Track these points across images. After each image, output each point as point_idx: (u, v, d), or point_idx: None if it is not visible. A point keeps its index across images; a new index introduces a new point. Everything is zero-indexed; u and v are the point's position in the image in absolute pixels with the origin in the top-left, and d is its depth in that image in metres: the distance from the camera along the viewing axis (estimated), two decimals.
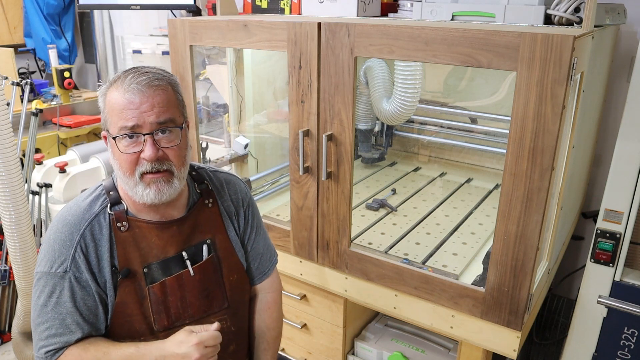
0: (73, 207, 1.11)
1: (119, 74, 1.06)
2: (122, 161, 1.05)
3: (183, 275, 1.15)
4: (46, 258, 1.07)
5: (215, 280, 1.20)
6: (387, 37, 1.31)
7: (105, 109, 1.05)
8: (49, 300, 1.06)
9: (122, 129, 1.02)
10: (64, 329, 1.06)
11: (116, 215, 1.10)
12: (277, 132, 2.31)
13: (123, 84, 1.02)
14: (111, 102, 1.03)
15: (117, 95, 1.02)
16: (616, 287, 1.57)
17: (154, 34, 3.25)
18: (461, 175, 2.31)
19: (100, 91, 1.08)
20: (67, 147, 3.07)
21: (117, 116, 1.02)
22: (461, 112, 2.21)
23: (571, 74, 1.10)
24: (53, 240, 1.08)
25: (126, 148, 1.03)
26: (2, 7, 3.76)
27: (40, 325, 1.07)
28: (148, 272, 1.11)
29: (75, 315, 1.07)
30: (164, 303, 1.13)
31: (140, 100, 1.01)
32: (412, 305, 1.53)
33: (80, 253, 1.06)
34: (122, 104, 1.01)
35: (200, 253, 1.18)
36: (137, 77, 1.02)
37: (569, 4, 1.42)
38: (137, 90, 1.01)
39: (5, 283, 2.31)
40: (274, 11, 1.99)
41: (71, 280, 1.06)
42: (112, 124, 1.04)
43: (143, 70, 1.04)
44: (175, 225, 1.14)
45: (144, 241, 1.11)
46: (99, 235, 1.08)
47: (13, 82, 2.66)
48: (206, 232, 1.20)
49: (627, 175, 1.48)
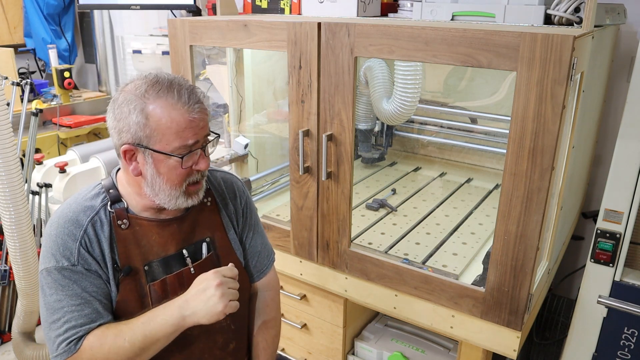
0: (72, 204, 1.10)
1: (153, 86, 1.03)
2: (175, 176, 1.06)
3: (183, 273, 1.15)
4: (50, 254, 1.06)
5: None
6: (387, 37, 1.31)
7: (148, 125, 1.02)
8: (62, 293, 1.04)
9: (183, 147, 1.04)
10: (84, 319, 1.04)
11: (117, 213, 1.10)
12: (277, 132, 2.31)
13: (181, 103, 1.02)
14: (164, 120, 1.02)
15: (175, 115, 1.02)
16: (616, 287, 1.57)
17: (154, 34, 3.25)
18: (461, 175, 2.31)
19: (131, 104, 1.02)
20: (67, 147, 3.07)
21: (175, 135, 1.03)
22: (461, 112, 2.21)
23: (571, 74, 1.10)
24: (55, 235, 1.06)
25: (186, 164, 1.06)
26: (2, 7, 3.76)
27: (58, 321, 1.04)
28: (149, 270, 1.12)
29: (95, 303, 1.05)
30: (164, 300, 1.13)
31: (199, 118, 1.05)
32: (412, 305, 1.53)
33: (84, 248, 1.06)
34: (184, 125, 1.02)
35: (200, 251, 1.19)
36: (191, 95, 1.04)
37: (569, 4, 1.42)
38: (200, 110, 1.04)
39: (5, 283, 2.31)
40: (274, 11, 1.99)
41: (82, 272, 1.05)
42: (163, 141, 1.03)
43: (187, 85, 1.05)
44: (175, 223, 1.15)
45: (144, 239, 1.12)
46: (100, 231, 1.08)
47: (13, 82, 2.66)
48: (205, 231, 1.21)
49: (627, 175, 1.48)
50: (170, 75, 1.07)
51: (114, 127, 1.06)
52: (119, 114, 1.04)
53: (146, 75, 1.07)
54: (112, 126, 1.06)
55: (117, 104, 1.04)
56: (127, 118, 1.03)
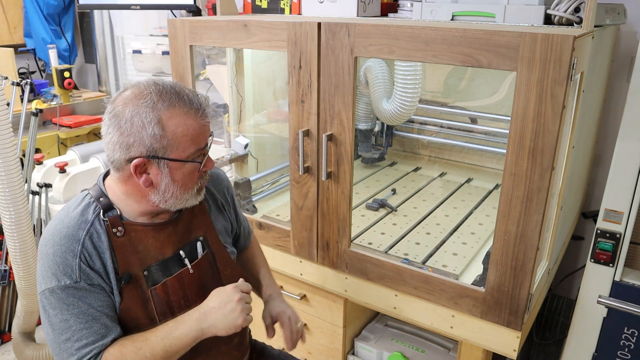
0: (64, 219, 1.07)
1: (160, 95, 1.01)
2: (189, 180, 1.09)
3: (183, 274, 1.16)
4: (49, 273, 1.03)
5: (212, 276, 1.22)
6: (387, 37, 1.31)
7: (165, 136, 1.01)
8: (68, 312, 1.02)
9: (197, 152, 1.07)
10: (95, 336, 1.03)
11: (111, 221, 1.08)
12: (277, 132, 2.31)
13: (194, 111, 1.04)
14: (180, 129, 1.03)
15: (190, 122, 1.04)
16: (616, 287, 1.57)
17: (154, 34, 3.25)
18: (461, 175, 2.31)
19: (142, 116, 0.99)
20: (67, 147, 3.07)
21: (191, 141, 1.05)
22: (461, 112, 2.21)
23: (571, 74, 1.10)
24: (53, 254, 1.03)
25: (202, 167, 1.11)
26: (2, 7, 3.76)
27: (67, 342, 1.03)
28: (148, 275, 1.12)
29: (103, 318, 1.05)
30: (167, 303, 1.13)
31: (208, 122, 1.09)
32: (412, 305, 1.53)
33: (84, 263, 1.04)
34: (198, 130, 1.06)
35: (195, 250, 1.20)
36: (197, 100, 1.06)
37: (569, 4, 1.42)
38: (207, 114, 1.08)
39: (5, 283, 2.31)
40: (274, 11, 1.99)
41: (85, 288, 1.04)
42: (179, 149, 1.04)
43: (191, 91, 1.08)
44: (170, 225, 1.16)
45: (140, 244, 1.11)
46: (98, 243, 1.06)
47: (13, 82, 2.66)
48: (198, 229, 1.22)
49: (627, 175, 1.48)
50: (169, 82, 1.07)
51: (119, 142, 1.01)
52: (128, 128, 1.00)
53: (145, 85, 1.03)
54: (115, 141, 1.01)
55: (125, 118, 1.00)
56: (140, 132, 1.00)
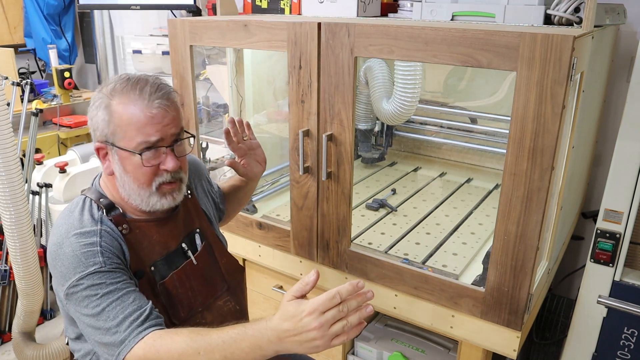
0: (73, 221, 1.06)
1: (121, 84, 1.03)
2: (141, 174, 1.05)
3: (187, 266, 1.17)
4: (72, 269, 1.00)
5: (212, 265, 1.24)
6: (387, 37, 1.31)
7: (112, 122, 1.02)
8: (108, 298, 0.98)
9: (143, 143, 1.02)
10: (133, 306, 0.98)
11: (115, 220, 1.08)
12: (277, 132, 2.31)
13: (141, 99, 1.01)
14: (125, 116, 1.01)
15: (135, 110, 1.01)
16: (616, 287, 1.57)
17: (154, 34, 3.25)
18: (461, 175, 2.31)
19: (98, 101, 1.03)
20: (67, 147, 3.08)
21: (137, 131, 1.01)
22: (461, 112, 2.21)
23: (571, 74, 1.10)
24: (71, 251, 1.01)
25: (148, 162, 1.04)
26: (2, 7, 3.76)
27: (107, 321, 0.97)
28: (155, 270, 1.13)
29: (135, 291, 1.01)
30: (176, 297, 1.14)
31: (163, 115, 1.03)
32: (412, 305, 1.53)
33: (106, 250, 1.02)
34: (144, 120, 1.01)
35: (194, 242, 1.22)
36: (154, 92, 1.02)
37: (569, 4, 1.42)
38: (160, 106, 1.02)
39: (5, 283, 2.31)
40: (274, 11, 1.99)
41: (111, 270, 1.01)
42: (126, 138, 1.02)
43: (153, 82, 1.04)
44: (171, 219, 1.17)
45: (145, 240, 1.12)
46: (112, 240, 1.05)
47: (13, 82, 2.67)
48: (194, 222, 1.24)
49: (627, 175, 1.48)
50: (145, 75, 1.06)
51: (90, 126, 1.07)
52: (90, 112, 1.05)
53: (118, 75, 1.07)
54: (89, 126, 1.08)
55: (90, 104, 1.06)
56: (95, 116, 1.04)
